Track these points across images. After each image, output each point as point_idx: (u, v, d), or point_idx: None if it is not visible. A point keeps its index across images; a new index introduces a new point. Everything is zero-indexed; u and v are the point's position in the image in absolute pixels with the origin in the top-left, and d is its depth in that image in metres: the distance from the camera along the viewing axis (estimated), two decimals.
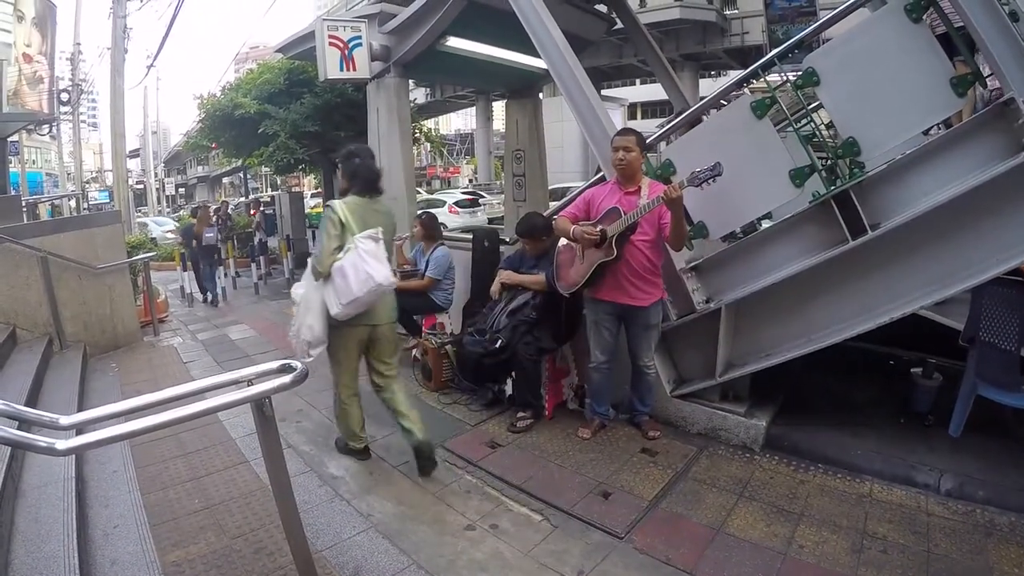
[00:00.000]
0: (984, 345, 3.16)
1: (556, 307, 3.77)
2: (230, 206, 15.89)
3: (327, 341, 3.13)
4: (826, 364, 3.80)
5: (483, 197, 20.30)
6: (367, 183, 3.18)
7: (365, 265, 2.94)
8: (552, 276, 3.68)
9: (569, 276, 3.54)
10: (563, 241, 3.60)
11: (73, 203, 18.13)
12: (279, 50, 8.12)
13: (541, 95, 8.86)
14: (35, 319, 5.30)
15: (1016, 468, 2.99)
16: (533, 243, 3.96)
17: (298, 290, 3.20)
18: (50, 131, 24.99)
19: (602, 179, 3.90)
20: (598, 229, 3.27)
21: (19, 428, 1.93)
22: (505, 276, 4.04)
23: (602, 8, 7.09)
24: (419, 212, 5.83)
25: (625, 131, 3.46)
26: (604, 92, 26.89)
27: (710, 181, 2.94)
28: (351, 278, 2.92)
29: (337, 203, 3.08)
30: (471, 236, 5.48)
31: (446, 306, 5.18)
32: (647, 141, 3.50)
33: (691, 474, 3.24)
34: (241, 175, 34.74)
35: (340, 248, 3.01)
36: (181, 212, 30.02)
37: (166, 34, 26.73)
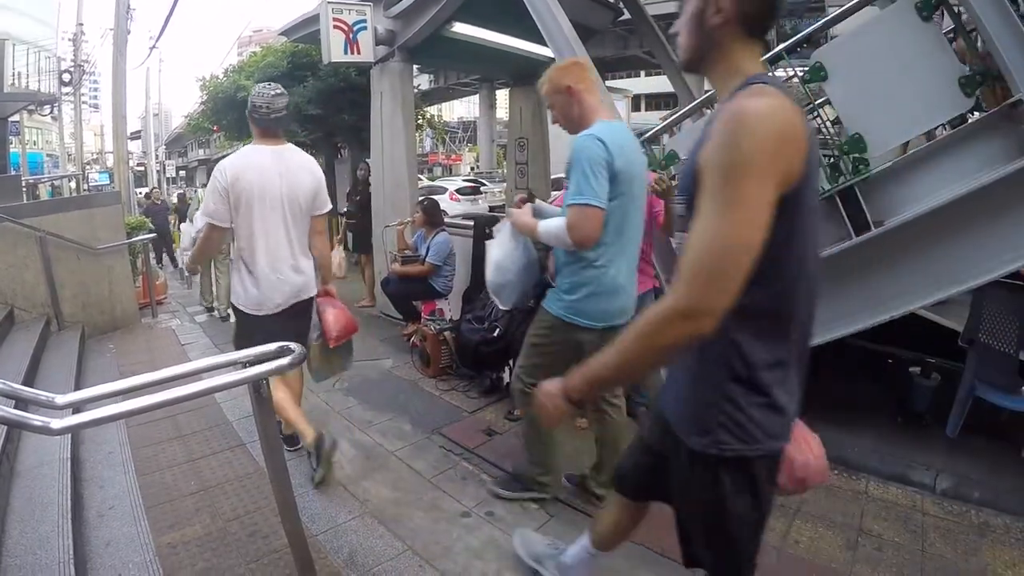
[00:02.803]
0: (983, 347, 3.16)
1: None
2: None
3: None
4: (824, 361, 3.79)
5: (485, 185, 20.20)
6: None
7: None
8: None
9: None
10: None
11: (73, 184, 18.05)
12: (283, 33, 8.05)
13: None
14: (33, 299, 5.29)
15: (1011, 470, 2.99)
16: None
17: (183, 226, 8.02)
18: (51, 112, 24.87)
19: None
20: None
21: (16, 407, 1.93)
22: None
23: None
24: (421, 198, 5.81)
25: None
26: (608, 83, 26.62)
27: None
28: (198, 223, 4.96)
29: (203, 191, 5.34)
30: (472, 223, 5.47)
31: (446, 292, 5.17)
32: (650, 133, 3.47)
33: None
34: None
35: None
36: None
37: (169, 15, 26.53)
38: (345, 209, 7.67)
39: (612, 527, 1.90)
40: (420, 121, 12.07)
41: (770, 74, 1.28)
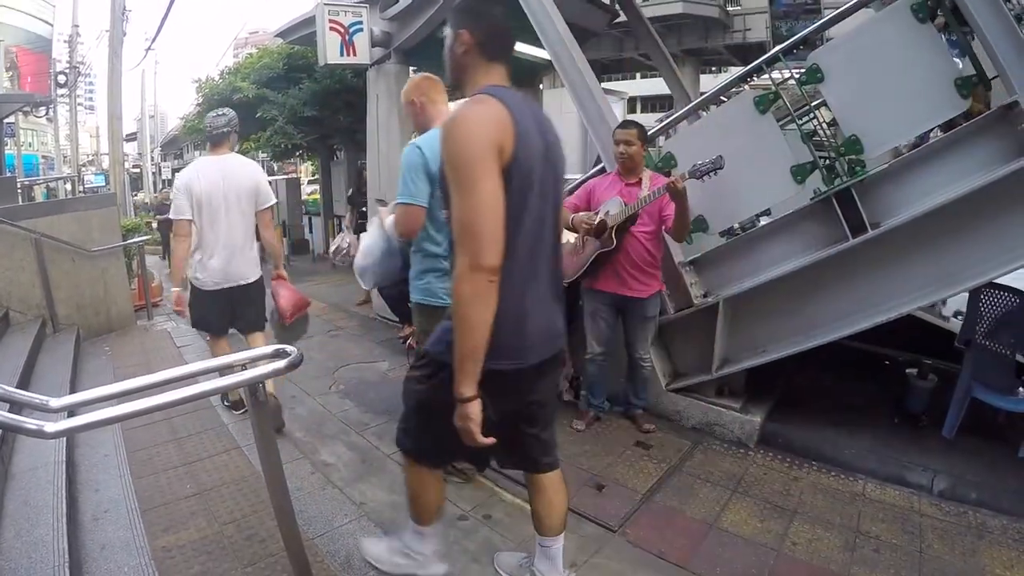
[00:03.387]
0: (980, 348, 3.17)
1: None
2: None
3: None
4: (822, 362, 3.80)
5: None
6: None
7: None
8: None
9: (569, 266, 3.52)
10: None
11: (69, 186, 18.00)
12: (279, 35, 8.05)
13: (542, 86, 8.81)
14: (28, 301, 5.26)
15: (1008, 471, 3.00)
16: None
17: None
18: (47, 113, 24.80)
19: (602, 170, 3.88)
20: (598, 219, 3.27)
21: (10, 410, 1.91)
22: None
23: (606, 0, 7.04)
24: None
25: (627, 123, 3.44)
26: (605, 85, 26.35)
27: (712, 174, 2.94)
28: None
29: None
30: None
31: None
32: (647, 135, 3.48)
33: (685, 468, 3.24)
34: None
35: None
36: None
37: (165, 16, 26.51)
38: (362, 209, 7.74)
39: (532, 506, 2.09)
40: None
41: (503, 87, 1.58)
